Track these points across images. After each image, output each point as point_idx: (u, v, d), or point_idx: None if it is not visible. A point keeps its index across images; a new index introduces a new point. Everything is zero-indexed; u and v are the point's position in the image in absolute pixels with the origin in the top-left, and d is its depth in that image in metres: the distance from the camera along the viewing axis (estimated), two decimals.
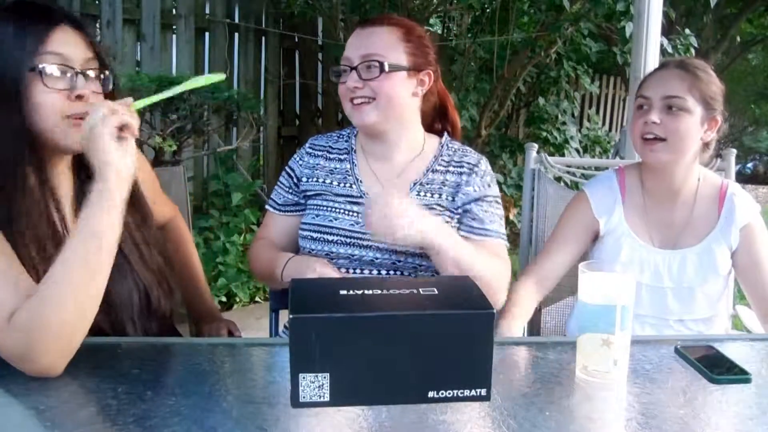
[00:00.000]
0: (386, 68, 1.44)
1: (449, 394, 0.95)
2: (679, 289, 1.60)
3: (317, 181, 1.58)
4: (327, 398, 0.93)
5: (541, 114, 5.73)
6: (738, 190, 1.65)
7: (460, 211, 1.52)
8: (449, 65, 4.91)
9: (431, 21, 5.20)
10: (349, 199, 1.54)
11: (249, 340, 1.33)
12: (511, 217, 4.87)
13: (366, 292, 0.98)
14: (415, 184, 1.53)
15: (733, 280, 1.72)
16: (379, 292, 0.98)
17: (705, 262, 1.59)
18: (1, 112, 1.12)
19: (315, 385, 0.92)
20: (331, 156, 1.60)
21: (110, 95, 1.22)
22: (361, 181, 1.56)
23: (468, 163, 1.55)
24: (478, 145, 4.95)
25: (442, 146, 1.59)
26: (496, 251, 1.50)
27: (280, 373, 1.09)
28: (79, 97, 1.14)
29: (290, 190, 1.62)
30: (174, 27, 4.11)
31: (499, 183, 5.19)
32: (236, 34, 4.45)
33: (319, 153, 1.61)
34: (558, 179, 2.15)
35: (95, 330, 1.15)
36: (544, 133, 5.62)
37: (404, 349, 0.93)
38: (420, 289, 1.00)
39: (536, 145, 2.13)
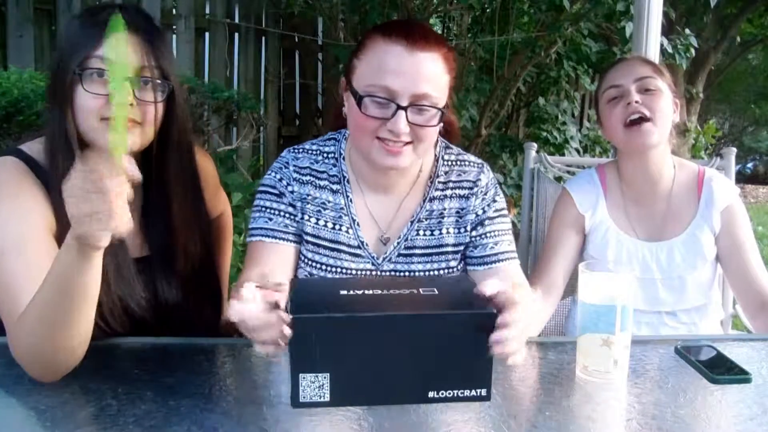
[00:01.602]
0: (443, 116, 1.23)
1: (449, 394, 0.95)
2: (669, 279, 1.62)
3: (309, 219, 1.33)
4: (327, 398, 0.93)
5: (541, 114, 5.71)
6: (715, 174, 1.67)
7: (462, 248, 1.37)
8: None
9: (431, 21, 5.19)
10: (346, 248, 1.33)
11: (249, 340, 1.33)
12: (511, 216, 4.85)
13: (366, 292, 0.98)
14: (412, 222, 1.35)
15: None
16: (380, 292, 0.98)
17: (692, 250, 1.61)
18: (54, 111, 1.17)
19: (315, 385, 0.92)
20: (321, 184, 1.34)
21: (168, 106, 1.24)
22: (358, 224, 1.34)
23: (468, 182, 1.37)
24: (478, 145, 4.94)
25: (437, 160, 1.38)
26: (512, 274, 1.34)
27: (280, 373, 1.10)
28: None
29: (290, 216, 1.33)
30: (174, 27, 4.11)
31: (498, 183, 5.19)
32: (236, 34, 4.45)
33: (307, 179, 1.34)
34: (558, 179, 2.15)
35: (144, 314, 1.26)
36: (544, 133, 5.61)
37: (404, 349, 0.93)
38: (420, 290, 0.99)
39: (536, 145, 2.13)
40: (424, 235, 1.35)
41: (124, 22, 1.15)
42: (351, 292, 0.97)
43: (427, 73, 1.19)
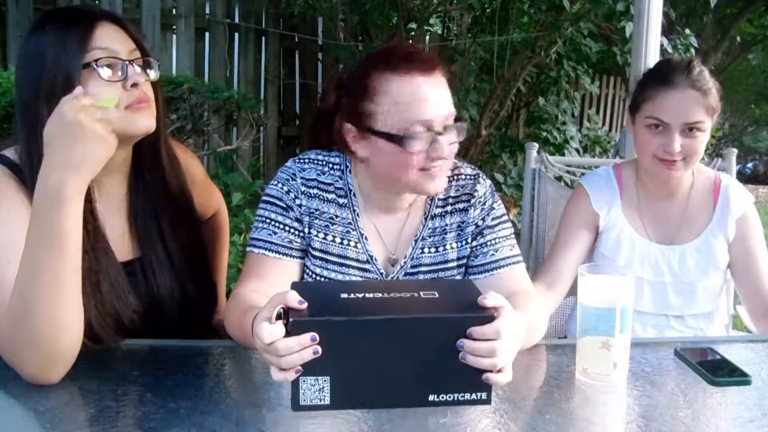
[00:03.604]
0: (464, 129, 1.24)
1: (450, 397, 0.95)
2: (679, 284, 1.61)
3: (317, 234, 1.31)
4: (327, 401, 0.93)
5: (541, 114, 5.72)
6: (732, 181, 1.67)
7: (465, 260, 1.36)
8: (449, 65, 4.91)
9: (431, 21, 5.19)
10: (354, 263, 1.32)
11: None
12: (511, 216, 4.86)
13: (367, 295, 0.97)
14: (416, 241, 1.35)
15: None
16: (380, 295, 0.98)
17: (704, 256, 1.60)
18: (38, 117, 1.12)
19: (315, 388, 0.92)
20: (328, 197, 1.32)
21: (155, 83, 1.25)
22: (366, 238, 1.33)
23: (465, 195, 1.36)
24: (478, 145, 4.94)
25: None
26: (514, 280, 1.33)
27: None
28: (134, 86, 1.18)
29: (295, 232, 1.30)
30: (174, 27, 4.11)
31: (499, 183, 5.20)
32: (236, 34, 4.45)
33: (314, 193, 1.31)
34: (558, 179, 2.15)
35: (137, 324, 1.24)
36: (544, 133, 5.62)
37: (405, 352, 0.93)
38: (421, 293, 0.99)
39: (536, 145, 2.13)
40: (429, 252, 1.35)
41: (100, 14, 1.20)
42: (351, 296, 0.97)
43: (444, 92, 1.23)
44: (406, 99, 1.19)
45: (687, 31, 4.66)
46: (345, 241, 1.31)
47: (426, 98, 1.20)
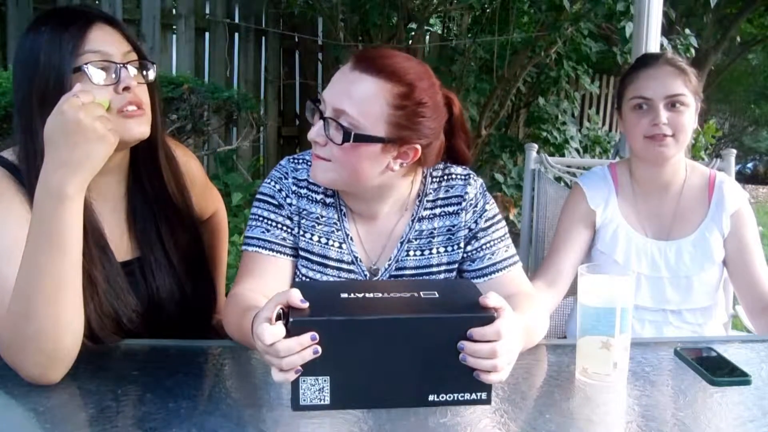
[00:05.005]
0: (351, 138, 1.14)
1: (450, 397, 0.95)
2: (676, 278, 1.62)
3: (304, 234, 1.31)
4: (327, 401, 0.93)
5: (541, 114, 5.72)
6: (726, 178, 1.69)
7: (458, 264, 1.34)
8: (449, 65, 4.91)
9: (431, 21, 5.20)
10: (338, 263, 1.31)
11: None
12: (511, 217, 4.86)
13: (367, 295, 0.98)
14: (402, 243, 1.32)
15: None
16: (380, 295, 0.98)
17: (700, 251, 1.62)
18: (36, 119, 1.12)
19: (315, 388, 0.92)
20: (317, 197, 1.31)
21: (151, 85, 1.24)
22: (351, 239, 1.32)
23: (455, 197, 1.33)
24: (478, 145, 4.94)
25: (425, 178, 1.34)
26: (513, 282, 1.32)
27: None
28: (126, 89, 1.16)
29: (287, 229, 1.30)
30: (174, 27, 4.11)
31: (499, 183, 5.21)
32: (236, 34, 4.45)
33: (304, 193, 1.31)
34: (558, 179, 2.15)
35: (136, 324, 1.24)
36: (544, 133, 5.62)
37: (405, 352, 0.93)
38: (421, 293, 0.99)
39: (536, 146, 2.14)
40: (414, 255, 1.32)
41: (94, 15, 1.19)
42: (351, 296, 0.97)
43: (355, 91, 1.15)
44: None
45: (687, 31, 4.66)
46: (330, 242, 1.31)
47: (335, 80, 1.19)
